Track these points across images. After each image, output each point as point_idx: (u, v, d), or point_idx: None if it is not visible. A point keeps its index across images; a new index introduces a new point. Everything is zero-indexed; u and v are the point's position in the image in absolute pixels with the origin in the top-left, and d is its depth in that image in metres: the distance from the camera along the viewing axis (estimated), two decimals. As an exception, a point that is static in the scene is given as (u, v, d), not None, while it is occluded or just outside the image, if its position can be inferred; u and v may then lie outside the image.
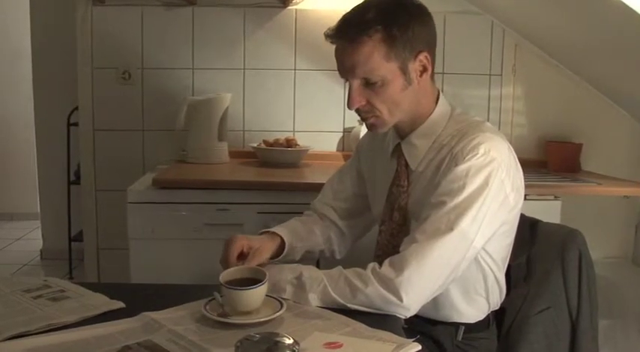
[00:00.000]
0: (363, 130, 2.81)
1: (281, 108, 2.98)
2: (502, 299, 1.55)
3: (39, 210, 4.62)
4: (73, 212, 3.78)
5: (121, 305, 1.27)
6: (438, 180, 1.35)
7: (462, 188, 1.30)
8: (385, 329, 1.13)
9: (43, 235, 4.49)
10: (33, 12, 4.20)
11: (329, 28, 1.38)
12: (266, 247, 1.47)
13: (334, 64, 3.03)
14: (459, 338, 1.51)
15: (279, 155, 2.72)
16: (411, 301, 1.25)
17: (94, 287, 1.37)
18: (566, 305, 1.53)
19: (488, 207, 1.30)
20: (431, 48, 1.39)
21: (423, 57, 1.36)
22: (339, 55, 1.38)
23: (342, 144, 3.02)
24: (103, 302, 1.28)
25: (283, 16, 2.93)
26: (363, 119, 1.42)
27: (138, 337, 1.11)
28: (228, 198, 2.25)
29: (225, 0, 2.89)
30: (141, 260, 2.22)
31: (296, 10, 2.93)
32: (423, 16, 1.37)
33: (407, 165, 1.47)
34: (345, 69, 1.37)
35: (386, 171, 1.54)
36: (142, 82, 2.94)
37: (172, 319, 1.18)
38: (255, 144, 2.80)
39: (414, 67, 1.36)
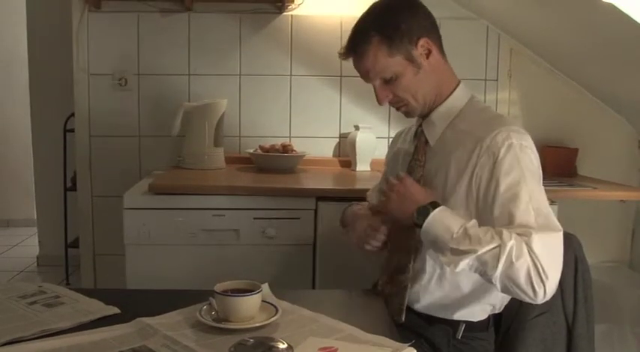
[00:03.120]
0: (359, 136, 2.82)
1: (277, 114, 2.98)
2: (507, 301, 1.55)
3: (35, 217, 4.61)
4: (70, 218, 3.77)
5: (116, 310, 1.27)
6: (468, 169, 1.42)
7: (523, 180, 1.36)
8: (380, 334, 1.13)
9: (39, 241, 4.48)
10: (29, 18, 4.20)
11: (341, 49, 1.56)
12: None
13: (330, 70, 3.05)
14: (459, 336, 1.51)
15: (276, 161, 2.72)
16: (547, 295, 1.28)
17: (89, 292, 1.37)
18: (562, 309, 1.54)
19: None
20: (429, 32, 1.50)
21: (423, 42, 1.48)
22: (355, 66, 1.55)
23: (338, 150, 3.02)
24: (98, 308, 1.28)
25: (279, 22, 2.93)
26: (397, 109, 1.57)
27: (133, 342, 1.11)
28: (224, 204, 2.24)
29: (220, 6, 2.89)
30: (137, 265, 2.21)
31: (292, 16, 2.93)
32: (410, 9, 1.50)
33: (427, 141, 1.56)
34: (362, 75, 1.54)
35: (409, 151, 1.63)
36: (138, 88, 2.93)
37: (167, 324, 1.18)
38: (251, 150, 2.80)
39: (418, 53, 1.48)
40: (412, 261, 1.52)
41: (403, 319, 1.51)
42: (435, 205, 1.38)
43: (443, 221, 1.35)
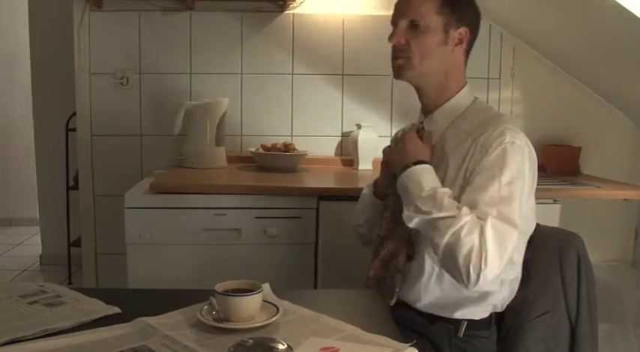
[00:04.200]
0: (361, 135, 2.82)
1: (279, 113, 2.98)
2: (510, 299, 1.55)
3: (38, 216, 4.62)
4: (72, 217, 3.77)
5: (116, 310, 1.26)
6: (464, 166, 1.45)
7: (500, 173, 1.38)
8: (382, 334, 1.13)
9: (42, 241, 4.49)
10: (31, 17, 4.21)
11: None
12: None
13: (332, 69, 3.03)
14: (461, 334, 1.51)
15: (277, 160, 2.72)
16: (480, 284, 1.30)
17: (90, 292, 1.36)
18: (565, 309, 1.53)
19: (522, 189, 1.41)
20: (472, 29, 1.55)
21: (462, 30, 1.52)
22: (397, 2, 1.55)
23: (340, 149, 3.01)
24: (99, 308, 1.28)
25: (281, 21, 2.93)
26: (395, 59, 1.54)
27: (133, 342, 1.11)
28: (225, 203, 2.24)
29: (222, 5, 2.89)
30: (138, 265, 2.21)
31: (293, 14, 2.92)
32: (474, 3, 1.57)
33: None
34: (399, 10, 1.53)
35: None
36: (139, 87, 2.93)
37: (168, 324, 1.18)
38: (253, 149, 2.79)
39: (454, 34, 1.52)
40: (406, 248, 1.55)
41: (394, 302, 1.53)
42: (422, 163, 1.45)
43: (419, 178, 1.42)
